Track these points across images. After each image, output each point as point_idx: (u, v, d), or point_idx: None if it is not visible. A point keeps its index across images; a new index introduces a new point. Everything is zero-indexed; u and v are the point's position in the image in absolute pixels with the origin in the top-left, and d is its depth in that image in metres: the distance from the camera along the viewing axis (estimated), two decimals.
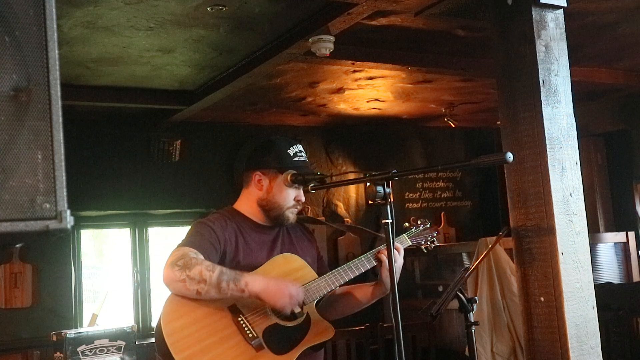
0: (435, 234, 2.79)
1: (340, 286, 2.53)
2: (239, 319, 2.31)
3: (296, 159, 2.53)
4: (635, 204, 7.14)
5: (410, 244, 2.69)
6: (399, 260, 2.53)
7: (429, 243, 2.75)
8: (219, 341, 2.26)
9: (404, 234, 2.69)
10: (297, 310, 2.38)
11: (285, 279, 2.39)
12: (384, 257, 2.49)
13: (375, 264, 2.53)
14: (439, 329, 5.62)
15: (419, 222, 2.76)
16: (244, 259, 2.44)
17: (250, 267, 2.42)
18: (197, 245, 2.34)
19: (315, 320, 2.45)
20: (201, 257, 2.29)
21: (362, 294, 2.62)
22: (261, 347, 2.28)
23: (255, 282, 2.28)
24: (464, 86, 5.95)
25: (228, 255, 2.42)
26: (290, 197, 2.52)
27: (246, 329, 2.30)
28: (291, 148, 2.54)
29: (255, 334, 2.29)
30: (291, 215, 2.55)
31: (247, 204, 2.58)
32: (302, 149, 2.59)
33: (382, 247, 2.49)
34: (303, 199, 2.56)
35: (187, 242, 2.37)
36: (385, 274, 2.48)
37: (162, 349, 2.22)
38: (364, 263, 2.53)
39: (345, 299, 2.65)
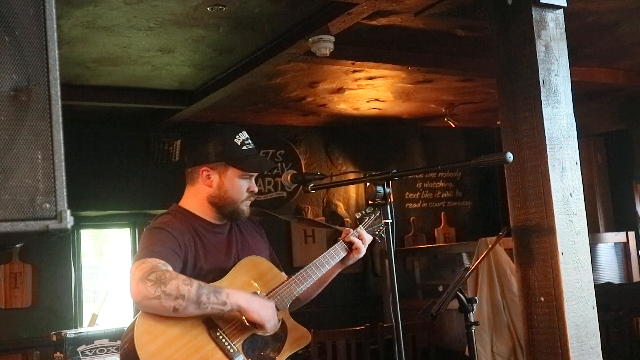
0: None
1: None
2: (217, 333, 2.18)
3: (244, 147, 2.36)
4: (635, 204, 7.13)
5: (371, 237, 2.63)
6: (362, 250, 2.51)
7: (380, 233, 2.69)
8: None
9: (360, 226, 2.60)
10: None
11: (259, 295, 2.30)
12: (353, 238, 2.50)
13: (346, 253, 2.50)
14: (439, 329, 5.61)
15: (368, 212, 2.66)
16: (207, 264, 2.29)
17: (217, 273, 2.28)
18: (163, 255, 2.15)
19: (292, 327, 2.37)
20: (171, 268, 2.12)
21: (322, 278, 2.50)
22: None
23: (236, 294, 2.17)
24: (464, 86, 5.94)
25: (189, 261, 2.26)
26: (243, 190, 2.37)
27: (226, 343, 2.18)
28: (237, 137, 2.36)
29: (236, 348, 2.19)
30: (245, 208, 2.39)
31: (195, 202, 2.39)
32: (248, 136, 2.40)
33: (352, 235, 2.51)
34: (256, 189, 2.42)
35: (151, 252, 2.16)
36: (353, 255, 2.50)
37: None
38: (333, 256, 2.48)
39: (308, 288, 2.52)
